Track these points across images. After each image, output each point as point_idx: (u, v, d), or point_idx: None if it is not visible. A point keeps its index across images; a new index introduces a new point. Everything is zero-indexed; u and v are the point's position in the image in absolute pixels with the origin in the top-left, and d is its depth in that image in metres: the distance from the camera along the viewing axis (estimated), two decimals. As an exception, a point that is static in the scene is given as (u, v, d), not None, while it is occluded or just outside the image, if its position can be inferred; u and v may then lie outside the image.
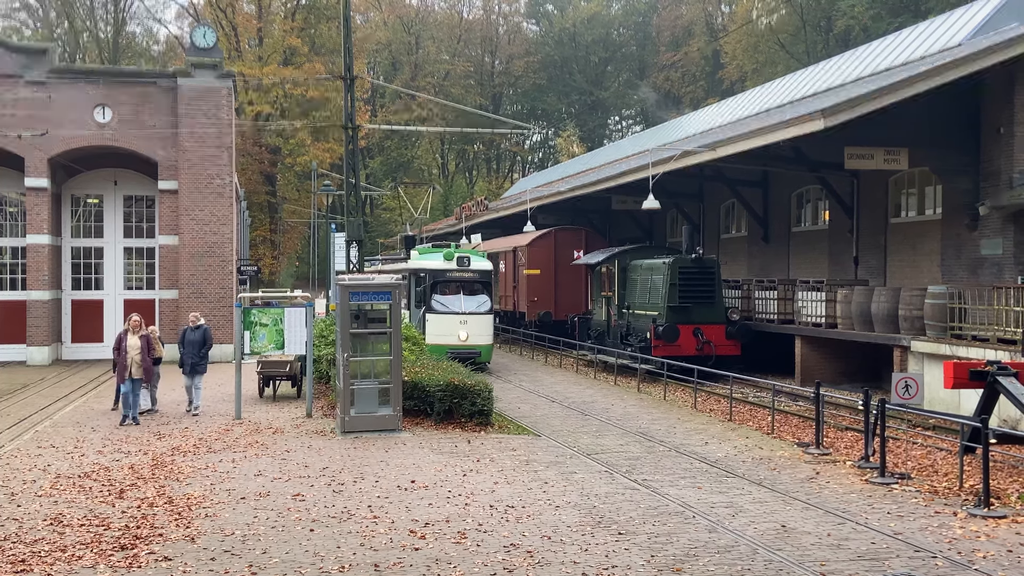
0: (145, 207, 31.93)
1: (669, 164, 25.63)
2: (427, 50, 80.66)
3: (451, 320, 26.06)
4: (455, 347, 25.27)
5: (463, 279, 26.90)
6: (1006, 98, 21.56)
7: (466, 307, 26.39)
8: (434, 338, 25.37)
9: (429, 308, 26.38)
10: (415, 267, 28.11)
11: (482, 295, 27.05)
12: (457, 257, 26.90)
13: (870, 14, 51.98)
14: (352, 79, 26.17)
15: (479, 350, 26.22)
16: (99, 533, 9.95)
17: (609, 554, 9.36)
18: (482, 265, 27.67)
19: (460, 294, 26.74)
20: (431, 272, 26.85)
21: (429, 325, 26.08)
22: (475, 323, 26.30)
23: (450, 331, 25.79)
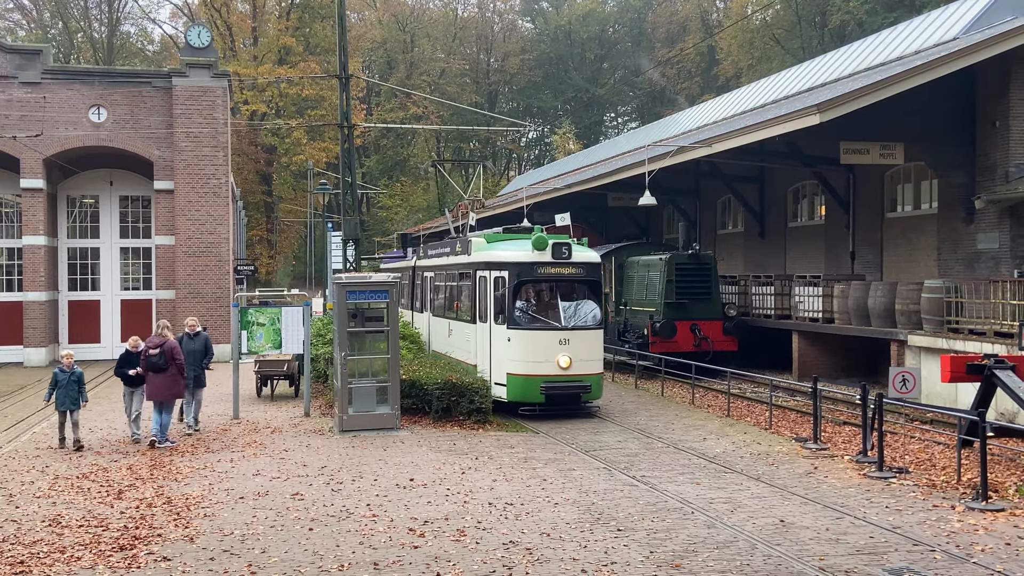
0: (141, 207, 31.91)
1: (665, 160, 25.64)
2: (422, 48, 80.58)
3: (546, 339, 17.79)
4: (553, 379, 17.66)
5: (562, 277, 18.41)
6: (1001, 92, 21.60)
7: (568, 319, 18.09)
8: (520, 365, 17.78)
9: (511, 321, 17.95)
10: (483, 260, 19.00)
11: (589, 301, 18.52)
12: (553, 245, 18.14)
13: (865, 9, 52.01)
14: (347, 78, 26.14)
15: (587, 382, 17.92)
16: (98, 534, 9.94)
17: (608, 550, 9.37)
18: (587, 256, 18.76)
19: (558, 299, 18.32)
20: (514, 268, 18.16)
21: (512, 347, 17.84)
22: (581, 342, 17.91)
23: (545, 355, 17.68)
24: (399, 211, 70.75)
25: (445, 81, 77.72)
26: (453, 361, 20.37)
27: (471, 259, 19.73)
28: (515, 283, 18.05)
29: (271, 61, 62.43)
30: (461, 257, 20.62)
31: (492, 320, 18.44)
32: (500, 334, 18.20)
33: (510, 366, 17.88)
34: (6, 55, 29.35)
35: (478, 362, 18.87)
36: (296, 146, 60.81)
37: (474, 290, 19.23)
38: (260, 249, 63.10)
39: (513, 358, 17.83)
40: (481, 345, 18.87)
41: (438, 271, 22.98)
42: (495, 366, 18.34)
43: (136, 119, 29.84)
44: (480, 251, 19.52)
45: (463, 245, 20.63)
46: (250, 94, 59.65)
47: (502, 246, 19.14)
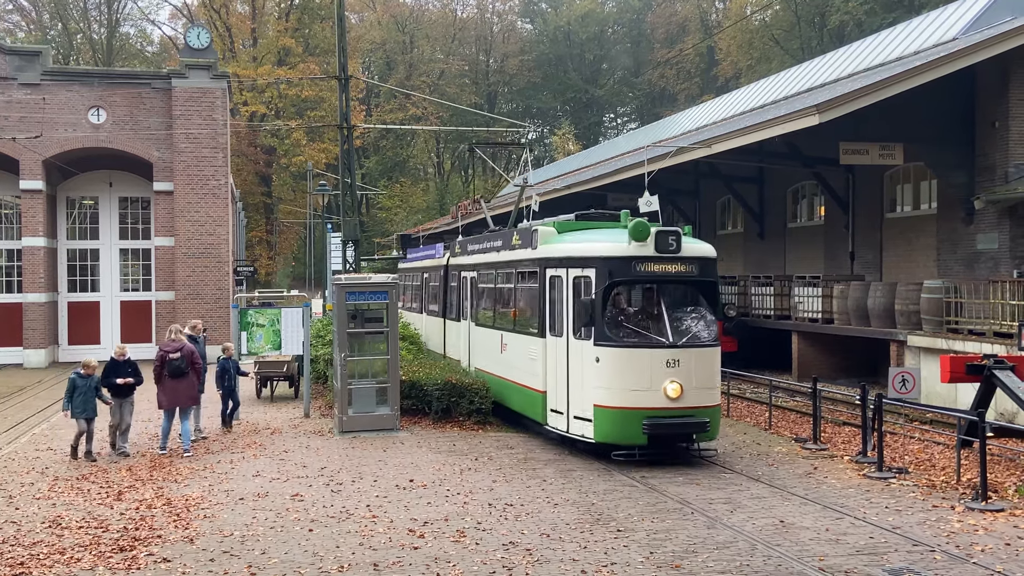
0: (141, 208, 31.91)
1: (664, 161, 25.65)
2: (421, 49, 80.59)
3: (649, 360, 13.46)
4: (659, 413, 13.36)
5: (669, 276, 13.95)
6: (1000, 92, 21.61)
7: (678, 332, 13.69)
8: (612, 395, 13.48)
9: (600, 336, 13.61)
10: (556, 256, 14.85)
11: (703, 308, 14.19)
12: (657, 235, 13.73)
13: (864, 9, 52.05)
14: (347, 79, 26.15)
15: (703, 417, 13.59)
16: (98, 535, 9.93)
17: (608, 551, 9.36)
18: (700, 249, 14.45)
19: (663, 306, 13.84)
20: (604, 265, 13.85)
21: (602, 370, 13.58)
22: (695, 364, 13.56)
23: (648, 381, 13.37)
24: (399, 212, 70.73)
25: (444, 82, 77.72)
26: (507, 384, 16.80)
27: (536, 254, 15.44)
28: (606, 285, 13.64)
29: (270, 62, 62.45)
30: (520, 252, 16.33)
31: (569, 333, 14.19)
32: (583, 352, 13.82)
33: (598, 395, 13.52)
34: (5, 56, 29.35)
35: (547, 387, 14.92)
36: (295, 147, 60.83)
37: (542, 294, 15.03)
38: (260, 250, 63.10)
39: (603, 385, 13.46)
40: (553, 366, 14.74)
41: (483, 270, 18.75)
42: (575, 395, 14.05)
43: (135, 120, 29.85)
44: (551, 243, 15.20)
45: (524, 236, 16.26)
46: (249, 95, 59.66)
47: (583, 236, 14.88)
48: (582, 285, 14.11)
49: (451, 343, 21.56)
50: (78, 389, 14.06)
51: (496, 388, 17.49)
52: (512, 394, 16.75)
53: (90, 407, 14.09)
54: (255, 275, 47.72)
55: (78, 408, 14.03)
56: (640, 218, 14.27)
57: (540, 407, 15.22)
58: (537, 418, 15.45)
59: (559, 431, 14.69)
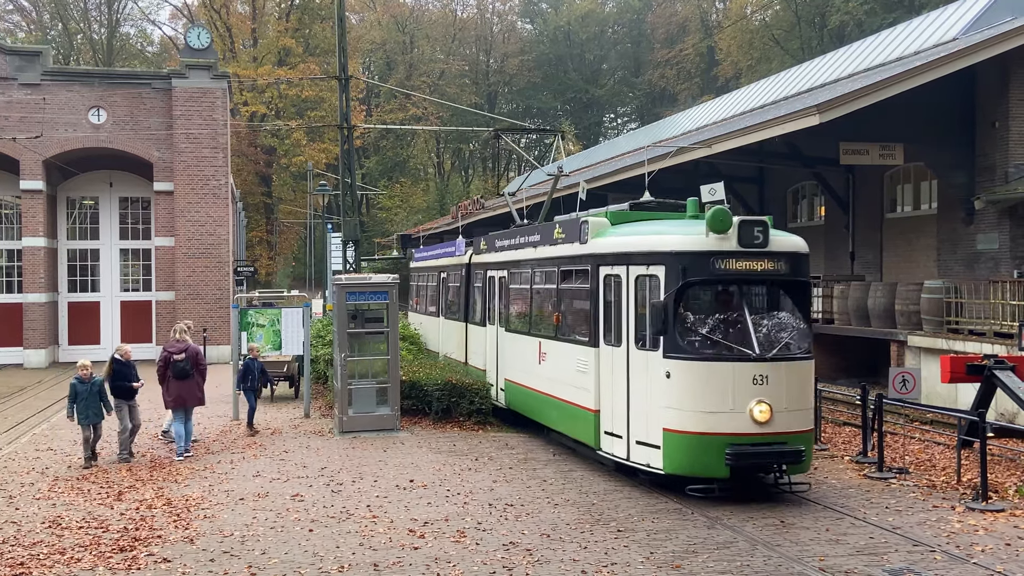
0: (141, 209, 31.91)
1: (665, 161, 25.65)
2: (422, 49, 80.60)
3: (733, 376, 11.36)
4: (744, 440, 11.22)
5: (755, 276, 11.83)
6: (1001, 92, 21.62)
7: (766, 343, 11.56)
8: (687, 417, 11.38)
9: (672, 347, 11.56)
10: (614, 251, 12.85)
11: (795, 314, 12.08)
12: (741, 225, 11.70)
13: (864, 10, 52.04)
14: (347, 79, 26.14)
15: (796, 445, 11.41)
16: (98, 535, 9.94)
17: (608, 551, 9.36)
18: (791, 243, 12.25)
19: (747, 312, 11.76)
20: (676, 261, 11.70)
21: (674, 387, 11.51)
22: (786, 381, 11.50)
23: (731, 401, 11.27)
24: (399, 212, 70.73)
25: (445, 82, 77.72)
26: (545, 399, 14.86)
27: (587, 249, 13.44)
28: (679, 285, 11.45)
29: (271, 62, 62.46)
30: (565, 247, 14.36)
31: (630, 343, 12.18)
32: (649, 366, 11.78)
33: (669, 418, 11.42)
34: (6, 56, 29.35)
35: (600, 405, 12.87)
36: (296, 147, 60.84)
37: (594, 296, 13.08)
38: (260, 250, 63.10)
39: (675, 405, 11.38)
40: (608, 381, 12.70)
41: (516, 269, 16.79)
42: (638, 416, 11.99)
43: (136, 120, 29.84)
44: (604, 236, 13.18)
45: (569, 229, 14.24)
46: (250, 95, 59.68)
47: (646, 228, 12.82)
48: (647, 286, 12.00)
49: (474, 351, 19.50)
50: (80, 395, 13.69)
51: (530, 403, 15.71)
52: (552, 411, 14.69)
53: (93, 412, 13.71)
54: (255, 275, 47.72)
55: (82, 414, 13.66)
56: (719, 205, 11.89)
57: (591, 429, 13.04)
58: (587, 441, 13.33)
59: (616, 458, 12.54)
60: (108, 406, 13.85)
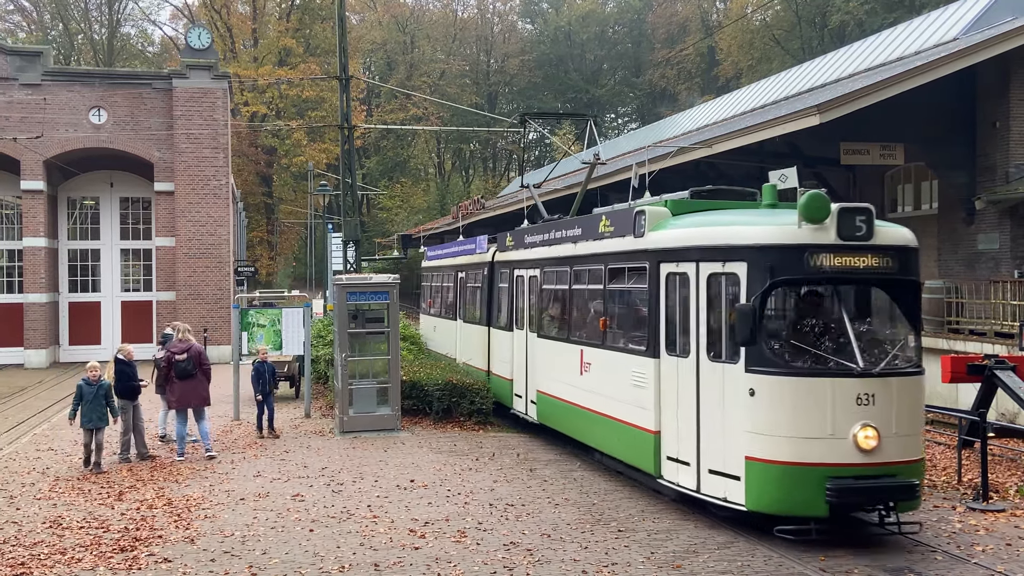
0: (141, 209, 31.92)
1: (665, 161, 25.64)
2: (422, 49, 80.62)
3: (832, 394, 9.55)
4: (847, 471, 9.46)
5: (858, 275, 9.95)
6: (1001, 92, 21.62)
7: (871, 356, 9.83)
8: (776, 444, 9.63)
9: (758, 359, 9.79)
10: (680, 245, 11.06)
11: (903, 321, 10.38)
12: (841, 214, 9.79)
13: (865, 9, 52.04)
14: (347, 79, 26.15)
15: (908, 478, 9.62)
16: (98, 535, 9.94)
17: (609, 551, 9.36)
18: (899, 236, 10.29)
19: (846, 318, 9.93)
20: (762, 257, 9.91)
21: (760, 407, 9.75)
22: (894, 401, 9.67)
23: (829, 425, 9.51)
24: (399, 212, 70.75)
25: (445, 82, 77.75)
26: (589, 415, 13.29)
27: (643, 243, 11.60)
28: (767, 285, 9.67)
29: (271, 62, 62.49)
30: (614, 241, 12.56)
31: (701, 353, 10.42)
32: (727, 381, 10.02)
33: (754, 444, 9.65)
34: (6, 57, 29.36)
35: (661, 426, 11.09)
36: (296, 147, 60.86)
37: (653, 297, 11.29)
38: (260, 250, 63.12)
39: (762, 429, 9.62)
40: (672, 398, 10.91)
41: (551, 267, 15.16)
42: (712, 440, 10.21)
43: (136, 121, 29.86)
44: (665, 228, 11.34)
45: (620, 220, 12.50)
46: (250, 95, 59.70)
47: (719, 218, 10.91)
48: (723, 286, 10.20)
49: (499, 358, 17.92)
50: (85, 396, 13.26)
51: (569, 419, 14.10)
52: (597, 429, 12.97)
53: (97, 416, 13.30)
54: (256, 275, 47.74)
55: (86, 417, 13.26)
56: (816, 190, 10.01)
57: (649, 453, 11.25)
58: (643, 466, 11.58)
59: (681, 488, 10.72)
60: (114, 410, 13.51)
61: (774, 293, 9.89)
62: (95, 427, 13.31)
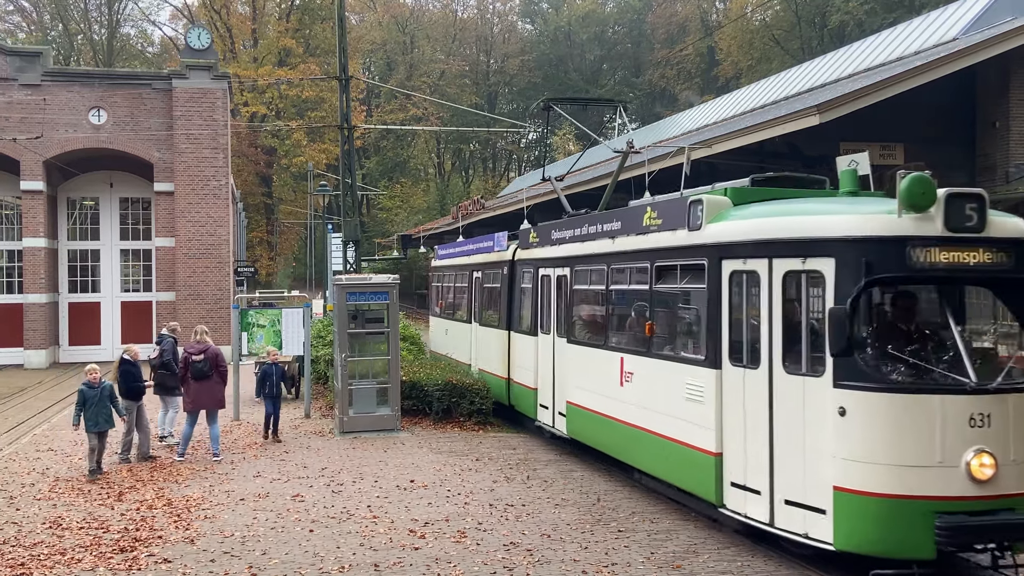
0: (141, 209, 31.92)
1: (665, 161, 25.62)
2: (422, 50, 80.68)
3: (940, 414, 8.03)
4: (959, 505, 7.96)
5: (969, 272, 8.36)
6: (1001, 92, 21.63)
7: (985, 368, 8.37)
8: (873, 473, 8.13)
9: (851, 373, 8.26)
10: (753, 237, 9.47)
11: (1018, 328, 8.98)
12: (949, 200, 8.22)
13: (865, 10, 52.08)
14: (347, 79, 26.14)
15: None
16: (98, 536, 9.94)
17: (609, 551, 9.36)
18: (1014, 228, 8.60)
19: (953, 323, 8.39)
20: (856, 251, 8.35)
21: (853, 428, 8.24)
22: (1011, 420, 8.16)
23: (938, 450, 8.00)
24: (399, 212, 70.78)
25: (445, 82, 77.80)
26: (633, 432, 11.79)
27: (701, 237, 10.20)
28: (861, 285, 8.27)
29: (271, 63, 62.53)
30: (664, 235, 11.13)
31: (775, 364, 9.07)
32: (809, 398, 8.65)
33: (844, 472, 8.28)
34: (6, 57, 29.35)
35: (723, 447, 9.72)
36: (296, 148, 60.89)
37: (715, 299, 9.92)
38: (260, 251, 63.15)
39: (855, 455, 8.24)
40: (739, 415, 9.52)
41: (584, 266, 13.82)
42: (789, 465, 8.86)
43: (136, 121, 29.85)
44: (728, 220, 9.98)
45: (670, 212, 11.05)
46: (250, 96, 59.73)
47: (795, 207, 9.52)
48: (803, 286, 8.84)
49: (521, 365, 16.66)
50: (88, 400, 12.90)
51: (607, 435, 12.69)
52: (642, 448, 11.56)
53: (103, 419, 12.97)
54: (256, 275, 47.75)
55: (91, 421, 12.88)
56: (919, 173, 8.41)
57: (709, 478, 9.83)
58: (701, 493, 10.12)
59: (751, 521, 9.26)
60: (119, 410, 13.30)
61: (870, 293, 8.48)
62: (102, 430, 13.03)
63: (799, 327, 8.86)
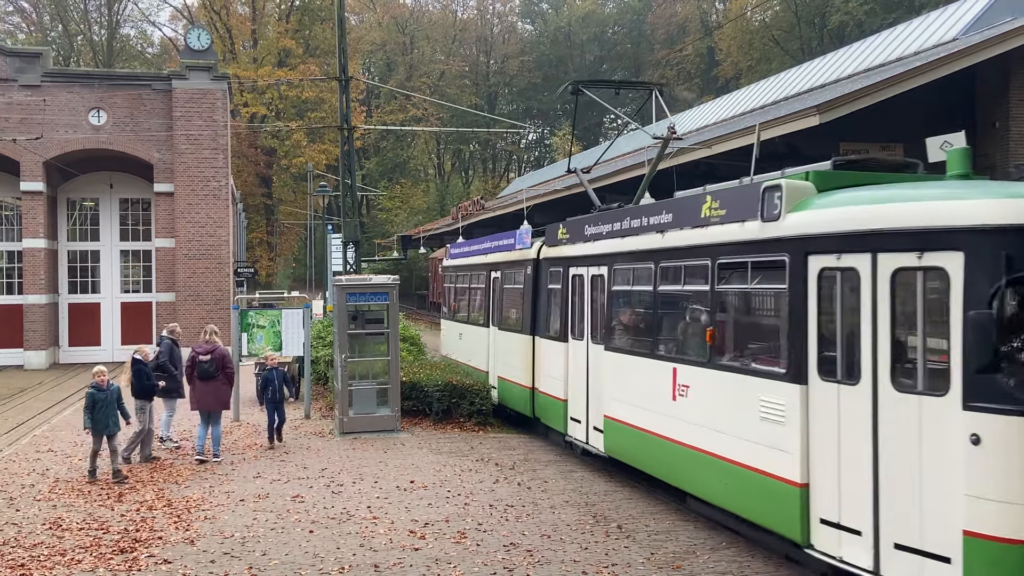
0: (141, 210, 31.92)
1: (664, 161, 25.62)
2: (422, 50, 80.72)
3: None
4: None
5: None
6: (1001, 92, 21.62)
7: None
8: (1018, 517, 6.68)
9: (988, 394, 6.80)
10: (850, 228, 7.97)
11: None
12: None
13: (864, 10, 52.11)
14: (347, 80, 26.14)
15: None
16: (98, 537, 9.94)
17: (609, 552, 9.36)
18: None
19: None
20: (993, 244, 6.89)
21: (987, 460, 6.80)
22: None
23: None
24: (399, 213, 70.81)
25: (445, 83, 77.84)
26: (694, 455, 10.25)
27: (780, 229, 8.82)
28: (1002, 284, 6.93)
29: (271, 63, 62.57)
30: (729, 227, 9.68)
31: (882, 379, 7.69)
32: (930, 421, 7.29)
33: (979, 514, 6.92)
34: (6, 58, 29.35)
35: (812, 477, 8.31)
36: (296, 148, 60.93)
37: (798, 301, 8.52)
38: (260, 251, 63.18)
39: (994, 492, 6.88)
40: (832, 439, 8.13)
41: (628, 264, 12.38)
42: (899, 501, 7.51)
43: (136, 122, 29.85)
44: (813, 208, 8.57)
45: (738, 201, 9.64)
46: (250, 96, 59.75)
47: (901, 192, 8.02)
48: (921, 285, 7.45)
49: (547, 373, 15.36)
50: (98, 403, 12.65)
51: (655, 455, 11.27)
52: (700, 472, 10.14)
53: (113, 421, 12.75)
54: (255, 276, 47.76)
55: (100, 424, 12.66)
56: None
57: (792, 512, 8.47)
58: (779, 528, 8.77)
59: (850, 567, 7.85)
60: (126, 413, 13.08)
61: (1011, 295, 6.96)
62: (111, 433, 12.82)
63: (912, 336, 7.46)
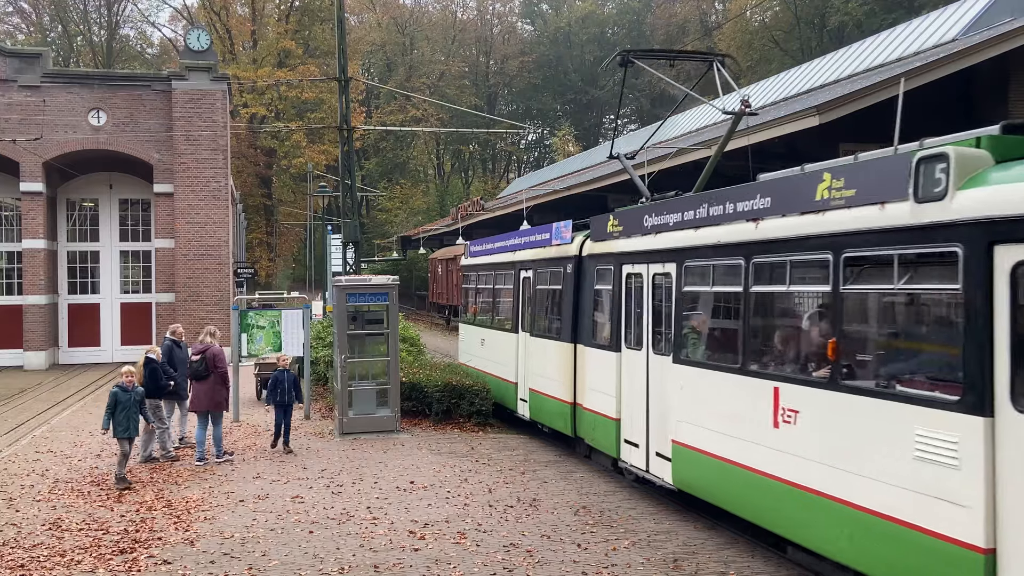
0: (141, 210, 31.91)
1: (664, 162, 25.64)
2: (421, 51, 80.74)
3: None
4: None
5: None
6: (1001, 93, 21.63)
7: None
8: None
9: None
10: None
11: None
12: None
13: (864, 10, 52.13)
14: (347, 80, 26.14)
15: None
16: (98, 537, 9.93)
17: (608, 552, 9.36)
18: None
19: None
20: None
21: None
22: None
23: None
24: (399, 213, 70.82)
25: (444, 83, 77.85)
26: (804, 496, 8.21)
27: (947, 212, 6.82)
28: None
29: (270, 64, 62.57)
30: (859, 212, 7.83)
31: None
32: None
33: None
34: (6, 59, 29.35)
35: (1000, 542, 6.22)
36: (296, 149, 60.92)
37: (981, 308, 6.45)
38: (260, 252, 63.17)
39: None
40: None
41: (703, 260, 10.41)
42: None
43: (136, 122, 29.85)
44: (992, 183, 6.61)
45: (872, 176, 7.97)
46: (250, 97, 59.75)
47: None
48: None
49: (594, 387, 13.35)
50: (120, 404, 12.25)
51: (744, 493, 9.28)
52: (815, 519, 8.10)
53: (133, 425, 12.41)
54: (255, 277, 47.77)
55: (121, 426, 12.23)
56: None
57: None
58: None
59: None
60: (147, 417, 13.02)
61: None
62: (131, 436, 12.46)
63: None
